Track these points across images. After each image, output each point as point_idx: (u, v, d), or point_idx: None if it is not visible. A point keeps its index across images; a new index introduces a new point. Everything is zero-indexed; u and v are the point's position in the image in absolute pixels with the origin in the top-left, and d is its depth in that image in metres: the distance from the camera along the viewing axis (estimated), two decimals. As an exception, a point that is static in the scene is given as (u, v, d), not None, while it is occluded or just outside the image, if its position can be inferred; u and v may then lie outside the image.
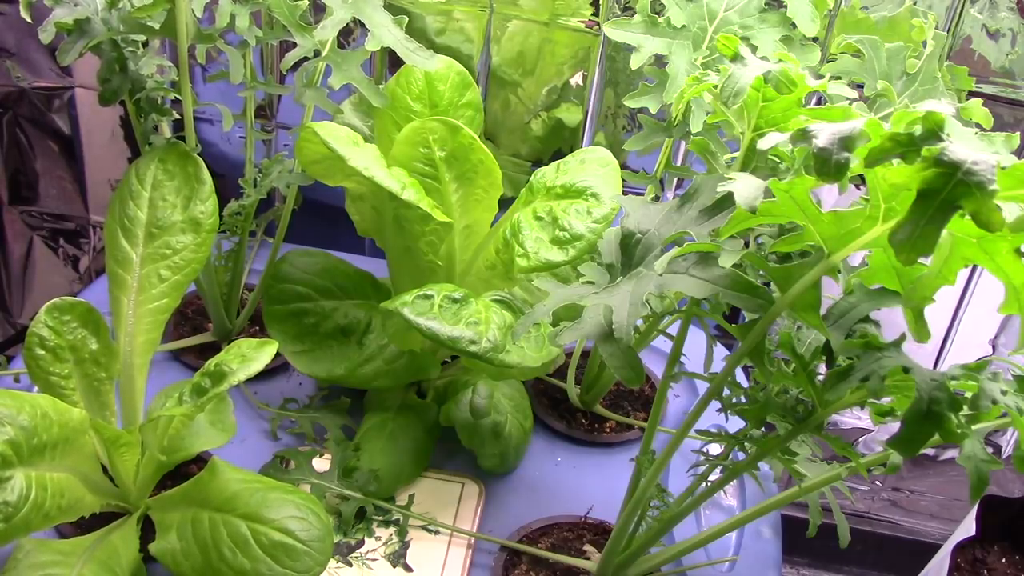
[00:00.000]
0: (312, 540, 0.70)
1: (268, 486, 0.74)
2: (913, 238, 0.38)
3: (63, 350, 0.73)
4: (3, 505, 0.60)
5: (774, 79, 0.51)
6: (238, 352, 0.71)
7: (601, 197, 0.84)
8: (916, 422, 0.44)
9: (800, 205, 0.45)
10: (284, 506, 0.71)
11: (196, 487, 0.75)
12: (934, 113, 0.37)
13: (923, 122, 0.37)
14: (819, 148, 0.39)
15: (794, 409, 0.57)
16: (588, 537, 0.87)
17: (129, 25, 0.83)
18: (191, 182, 0.83)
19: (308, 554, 0.70)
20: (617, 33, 0.81)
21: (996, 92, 1.13)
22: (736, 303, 0.49)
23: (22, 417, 0.63)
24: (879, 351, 0.47)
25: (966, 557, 1.02)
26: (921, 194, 0.38)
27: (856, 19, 0.90)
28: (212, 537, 0.70)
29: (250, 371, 0.69)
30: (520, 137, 1.29)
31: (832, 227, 0.46)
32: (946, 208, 0.37)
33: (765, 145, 0.43)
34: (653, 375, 1.11)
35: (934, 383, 0.44)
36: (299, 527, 0.70)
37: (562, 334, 0.52)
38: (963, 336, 1.29)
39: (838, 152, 0.38)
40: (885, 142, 0.38)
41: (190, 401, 0.70)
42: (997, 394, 0.44)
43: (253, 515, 0.71)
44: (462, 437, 0.93)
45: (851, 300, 0.49)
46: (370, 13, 0.85)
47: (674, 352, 0.65)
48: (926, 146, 0.37)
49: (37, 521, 0.64)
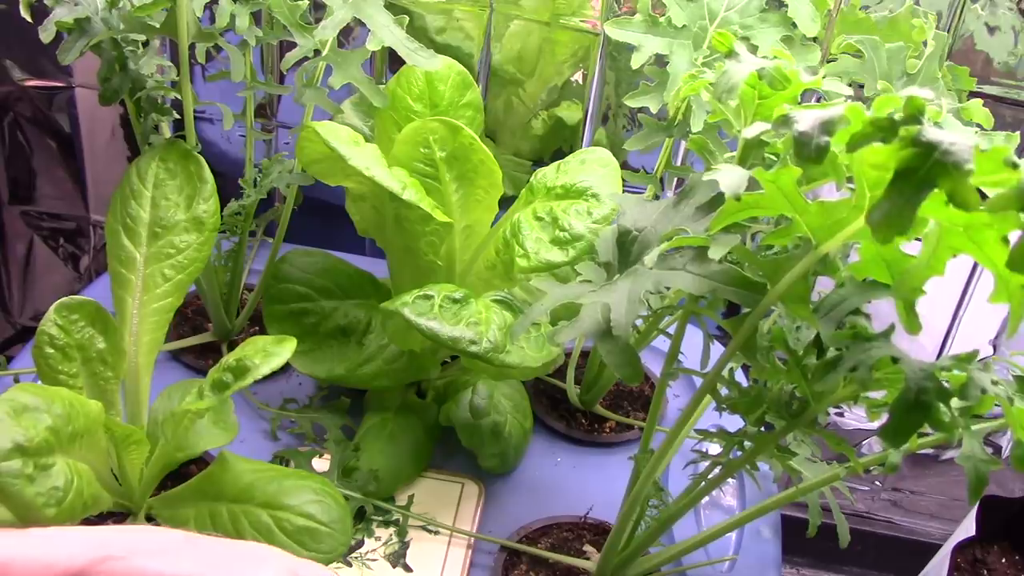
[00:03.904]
0: (333, 521, 0.73)
1: (282, 474, 0.76)
2: (890, 216, 0.38)
3: (71, 349, 0.73)
4: (53, 490, 0.61)
5: (768, 75, 0.51)
6: (257, 348, 0.71)
7: (601, 197, 0.84)
8: (904, 411, 0.44)
9: (787, 195, 0.46)
10: (302, 491, 0.73)
11: (208, 481, 0.75)
12: (915, 98, 0.37)
13: (904, 107, 0.37)
14: (799, 132, 0.39)
15: (788, 404, 0.57)
16: (588, 537, 0.87)
17: (129, 24, 0.83)
18: (193, 181, 0.83)
19: (331, 535, 0.72)
20: (618, 32, 0.81)
21: (998, 92, 1.13)
22: (733, 298, 0.49)
23: (55, 407, 0.64)
24: (868, 341, 0.47)
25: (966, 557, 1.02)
26: (898, 174, 0.38)
27: (856, 19, 0.89)
28: (234, 528, 0.71)
29: (272, 365, 0.70)
30: (520, 136, 1.29)
31: (819, 217, 0.46)
32: (922, 186, 0.37)
33: (749, 134, 0.43)
34: (653, 375, 1.11)
35: (922, 372, 0.43)
36: (319, 510, 0.73)
37: (560, 332, 0.52)
38: (963, 336, 1.29)
39: (818, 136, 0.39)
40: (866, 127, 0.38)
41: (212, 395, 0.70)
42: (987, 383, 0.44)
43: (272, 503, 0.72)
44: (462, 437, 0.93)
45: (841, 293, 0.49)
46: (371, 13, 0.85)
47: (672, 350, 0.65)
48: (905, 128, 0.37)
49: (79, 509, 0.64)
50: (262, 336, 0.73)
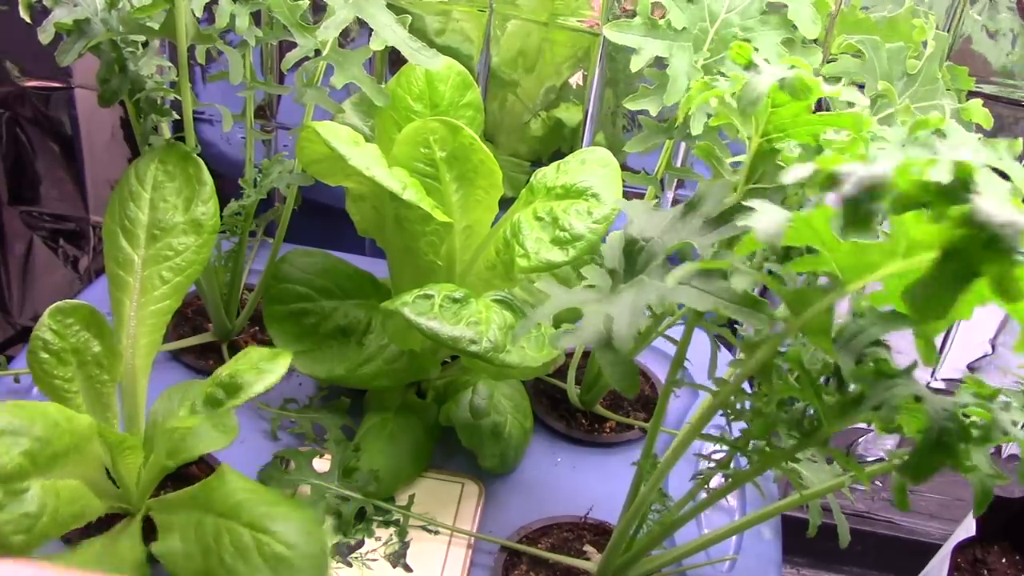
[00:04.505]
0: (311, 556, 0.71)
1: (273, 499, 0.75)
2: (931, 300, 0.37)
3: (66, 353, 0.73)
4: (23, 517, 0.60)
5: (789, 86, 0.50)
6: (250, 363, 0.71)
7: (601, 197, 0.84)
8: (927, 452, 0.43)
9: (819, 234, 0.44)
10: (288, 521, 0.72)
11: (203, 491, 0.75)
12: (964, 164, 0.36)
13: (954, 172, 0.36)
14: (848, 197, 0.37)
15: (799, 423, 0.56)
16: (588, 537, 0.87)
17: (129, 25, 0.82)
18: (192, 183, 0.82)
19: (304, 570, 0.70)
20: (617, 35, 0.81)
21: (996, 92, 1.13)
22: (736, 316, 0.48)
23: (35, 428, 0.63)
24: (891, 379, 0.47)
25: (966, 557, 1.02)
26: (944, 255, 0.37)
27: (856, 19, 0.89)
28: (215, 542, 0.70)
29: (267, 384, 0.69)
30: (520, 137, 1.29)
31: (850, 258, 0.45)
32: (967, 275, 0.36)
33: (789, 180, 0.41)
34: (653, 376, 1.11)
35: (945, 413, 0.43)
36: (301, 543, 0.71)
37: (561, 339, 0.51)
38: (963, 336, 1.29)
39: (866, 202, 0.37)
40: (913, 190, 0.37)
41: (203, 412, 0.70)
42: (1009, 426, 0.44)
43: (258, 525, 0.71)
44: (462, 437, 0.93)
45: (861, 323, 0.48)
46: (373, 12, 0.85)
47: (677, 358, 0.64)
48: (955, 202, 0.36)
49: (54, 530, 0.64)
50: (256, 348, 0.73)
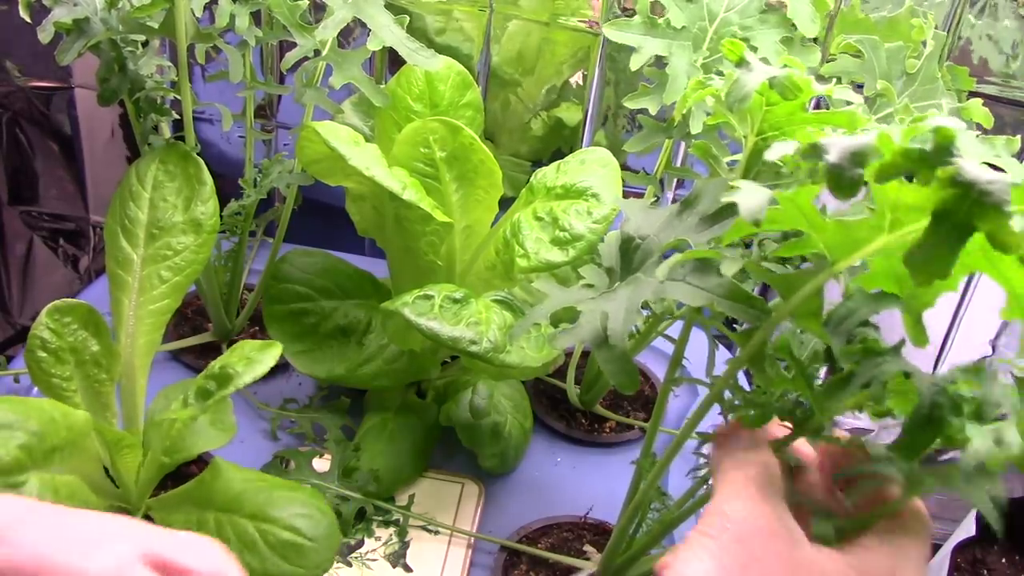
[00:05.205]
0: (319, 537, 0.71)
1: (272, 484, 0.74)
2: (931, 261, 0.38)
3: (64, 352, 0.72)
4: None
5: (779, 85, 0.50)
6: (242, 354, 0.71)
7: (601, 197, 0.84)
8: (918, 427, 0.44)
9: (805, 214, 0.45)
10: (290, 504, 0.72)
11: (199, 488, 0.75)
12: (943, 128, 0.37)
13: (934, 137, 0.37)
14: (831, 164, 0.38)
15: (792, 412, 0.57)
16: (588, 537, 0.87)
17: (128, 25, 0.82)
18: (192, 183, 0.82)
19: (316, 551, 0.70)
20: (617, 34, 0.81)
21: (996, 92, 1.13)
22: (731, 312, 0.48)
23: (31, 422, 0.63)
24: (879, 356, 0.47)
25: (966, 557, 1.02)
26: (936, 216, 0.38)
27: (856, 19, 0.89)
28: (219, 538, 0.70)
29: (256, 374, 0.69)
30: (520, 137, 1.29)
31: (836, 236, 0.46)
32: (962, 231, 0.37)
33: (772, 156, 0.42)
34: (653, 375, 1.11)
35: (935, 388, 0.43)
36: (305, 524, 0.71)
37: (559, 338, 0.51)
38: (963, 336, 1.29)
39: (850, 168, 0.38)
40: (896, 158, 0.38)
41: (195, 404, 0.70)
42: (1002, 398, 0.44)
43: (259, 514, 0.71)
44: (462, 437, 0.93)
45: (850, 305, 0.49)
46: (372, 13, 0.85)
47: (676, 356, 0.64)
48: (939, 165, 0.37)
49: None
50: (248, 341, 0.73)
